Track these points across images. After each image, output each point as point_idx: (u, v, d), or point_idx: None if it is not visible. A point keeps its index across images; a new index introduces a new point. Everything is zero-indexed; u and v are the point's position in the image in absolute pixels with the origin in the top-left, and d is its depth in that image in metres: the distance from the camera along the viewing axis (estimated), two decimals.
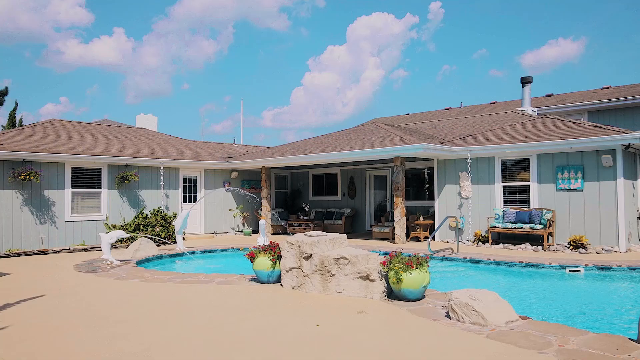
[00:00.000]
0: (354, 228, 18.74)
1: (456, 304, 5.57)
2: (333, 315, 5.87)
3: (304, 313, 6.01)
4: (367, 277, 6.73)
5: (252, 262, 7.92)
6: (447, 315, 5.70)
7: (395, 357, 4.32)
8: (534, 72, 60.22)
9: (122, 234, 10.72)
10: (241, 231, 18.68)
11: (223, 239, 16.62)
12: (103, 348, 4.69)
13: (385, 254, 7.08)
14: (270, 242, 8.20)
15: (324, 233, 7.63)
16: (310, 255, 7.11)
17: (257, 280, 8.03)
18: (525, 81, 20.41)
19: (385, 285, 6.78)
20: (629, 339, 4.72)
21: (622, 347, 4.48)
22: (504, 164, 13.66)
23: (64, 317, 5.93)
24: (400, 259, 6.59)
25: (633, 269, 9.11)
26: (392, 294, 6.75)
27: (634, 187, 12.34)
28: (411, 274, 6.39)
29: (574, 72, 56.70)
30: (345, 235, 7.76)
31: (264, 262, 7.76)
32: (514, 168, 13.55)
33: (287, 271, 7.45)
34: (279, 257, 7.69)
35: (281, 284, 7.63)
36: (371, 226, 17.01)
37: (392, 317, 5.79)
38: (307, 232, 7.63)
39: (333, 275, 6.92)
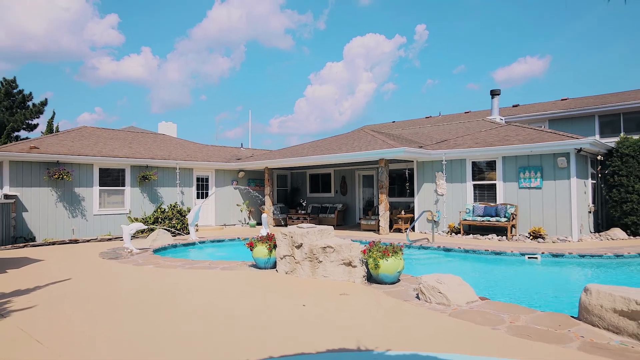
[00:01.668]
0: (345, 221, 18.74)
1: (425, 286, 5.60)
2: (319, 297, 5.89)
3: (293, 295, 6.03)
4: (349, 264, 6.75)
5: (251, 250, 7.93)
6: (417, 297, 5.72)
7: (367, 332, 4.34)
8: (505, 86, 60.33)
9: (141, 226, 10.72)
10: (247, 223, 18.67)
11: (231, 231, 16.62)
12: (115, 326, 4.71)
13: (367, 243, 7.10)
14: (268, 233, 8.21)
15: (313, 225, 7.64)
16: (301, 244, 7.12)
17: (255, 266, 8.03)
18: (494, 93, 20.40)
19: (366, 270, 6.80)
20: (571, 316, 4.75)
21: (564, 323, 4.52)
22: (474, 165, 13.66)
23: (85, 298, 5.95)
24: (378, 247, 6.60)
25: (582, 256, 9.14)
26: (371, 278, 6.77)
27: (585, 186, 12.35)
28: (387, 260, 6.41)
29: (538, 85, 56.90)
30: (332, 227, 7.76)
31: (261, 251, 7.77)
32: (483, 169, 13.55)
33: (281, 258, 7.46)
34: (275, 246, 7.71)
35: (276, 270, 7.63)
36: (360, 219, 16.99)
37: (370, 298, 5.82)
38: (299, 225, 7.64)
39: (320, 261, 6.93)
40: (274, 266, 7.83)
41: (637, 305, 3.93)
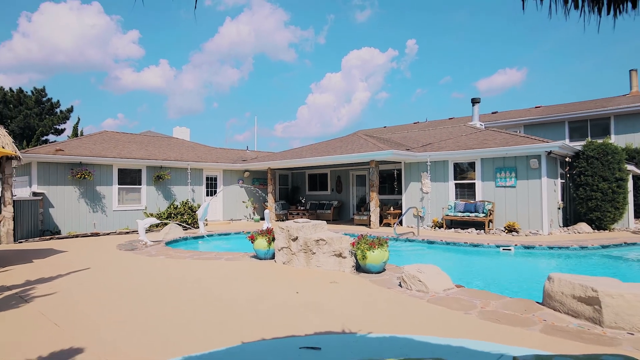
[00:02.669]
0: (340, 216, 18.73)
1: (406, 275, 5.60)
2: (311, 285, 5.88)
3: (288, 283, 6.02)
4: (340, 255, 6.75)
5: (252, 243, 7.92)
6: (400, 285, 5.72)
7: (352, 316, 4.34)
8: (487, 95, 60.49)
9: (155, 221, 10.70)
10: (252, 218, 18.66)
11: (237, 225, 16.60)
12: (125, 311, 4.72)
13: (356, 236, 7.09)
14: (268, 227, 8.20)
15: (308, 220, 7.63)
16: (297, 237, 7.12)
17: (256, 257, 8.02)
18: (474, 101, 20.32)
19: (354, 261, 6.79)
20: (536, 302, 4.76)
21: (530, 308, 4.53)
22: (455, 166, 13.65)
23: (100, 286, 5.95)
24: (366, 240, 6.60)
25: (551, 247, 9.15)
26: (359, 268, 6.76)
27: (555, 184, 12.34)
28: (374, 252, 6.41)
29: (516, 94, 57.13)
30: (325, 222, 7.74)
31: (261, 243, 7.76)
32: (464, 169, 13.55)
33: (279, 250, 7.46)
34: (273, 239, 7.70)
35: (274, 260, 7.62)
36: (353, 215, 16.99)
37: (357, 286, 5.81)
38: (295, 220, 7.64)
39: (314, 253, 6.93)
40: (273, 257, 7.82)
41: (594, 292, 3.94)
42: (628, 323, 3.71)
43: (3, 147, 10.42)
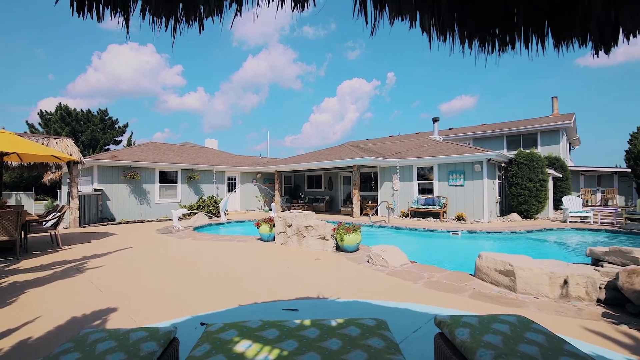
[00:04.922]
0: (331, 208, 18.68)
1: (372, 254, 5.60)
2: (300, 261, 5.87)
3: (282, 259, 6.01)
4: (324, 238, 6.74)
5: (258, 228, 7.90)
6: (368, 261, 5.70)
7: (326, 285, 4.34)
8: (447, 115, 60.95)
9: (185, 211, 10.64)
10: (263, 210, 18.60)
11: (251, 214, 16.54)
12: (154, 280, 4.71)
13: (337, 223, 7.07)
14: (270, 216, 8.18)
15: (300, 211, 7.62)
16: (291, 224, 7.11)
17: (261, 239, 7.99)
18: (435, 120, 20.19)
19: (335, 242, 6.78)
20: (470, 274, 4.76)
21: (464, 279, 4.53)
22: (419, 169, 13.63)
23: (139, 261, 5.93)
24: (344, 226, 6.59)
25: (489, 232, 9.15)
26: (339, 248, 6.74)
27: (494, 184, 12.33)
28: (349, 236, 6.40)
29: (469, 115, 57.39)
30: (313, 213, 7.73)
31: (265, 229, 7.74)
32: (425, 172, 13.52)
33: (278, 234, 7.44)
34: (274, 225, 7.69)
35: (275, 242, 7.61)
36: (341, 207, 16.96)
37: (335, 262, 5.80)
38: (291, 210, 7.63)
39: (304, 236, 6.92)
40: (274, 239, 7.80)
41: (510, 266, 3.95)
42: (535, 290, 3.72)
43: (70, 155, 10.40)
